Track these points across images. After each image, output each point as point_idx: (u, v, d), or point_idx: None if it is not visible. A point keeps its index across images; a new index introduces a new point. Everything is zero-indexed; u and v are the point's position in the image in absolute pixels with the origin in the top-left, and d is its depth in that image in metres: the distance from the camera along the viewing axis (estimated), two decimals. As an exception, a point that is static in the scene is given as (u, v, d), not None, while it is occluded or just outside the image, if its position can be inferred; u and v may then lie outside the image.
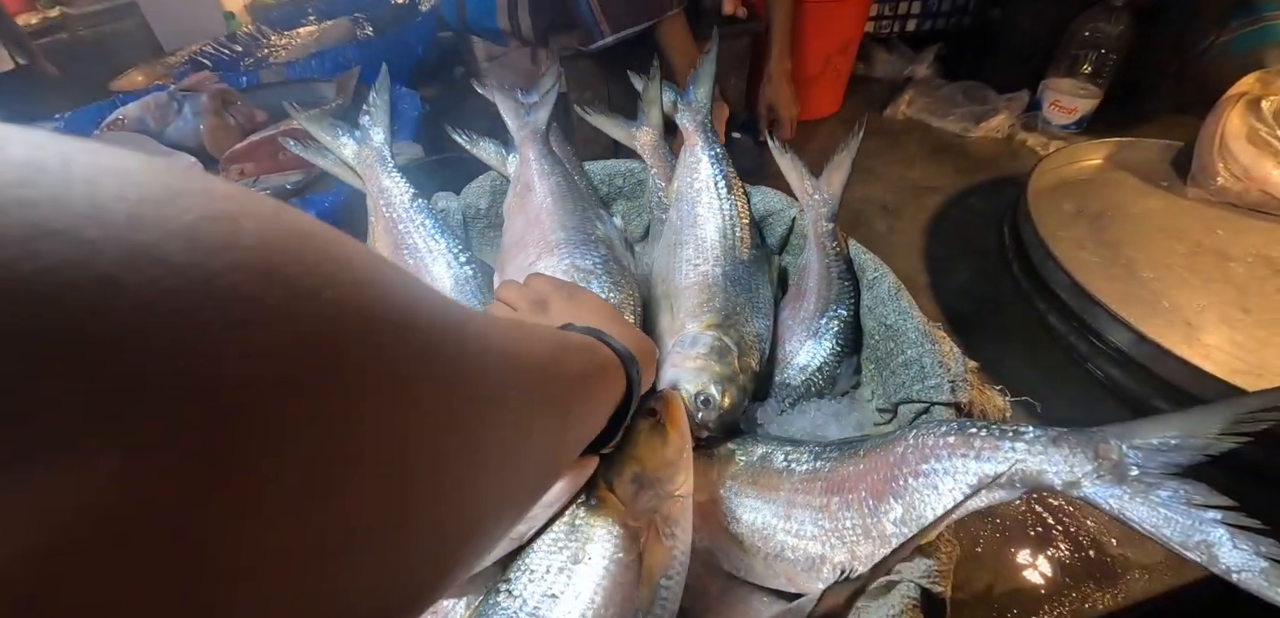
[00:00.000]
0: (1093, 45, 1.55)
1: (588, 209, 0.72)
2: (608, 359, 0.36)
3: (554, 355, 0.29)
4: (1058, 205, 1.17)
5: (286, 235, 0.13)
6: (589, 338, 0.37)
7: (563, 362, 0.29)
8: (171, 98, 1.31)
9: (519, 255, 0.67)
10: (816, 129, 1.58)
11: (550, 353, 0.28)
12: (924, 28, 1.83)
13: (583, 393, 0.31)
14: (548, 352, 0.28)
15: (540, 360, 0.27)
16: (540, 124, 0.78)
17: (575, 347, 0.32)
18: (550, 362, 0.28)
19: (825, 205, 0.68)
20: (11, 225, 0.08)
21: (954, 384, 0.55)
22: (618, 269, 0.67)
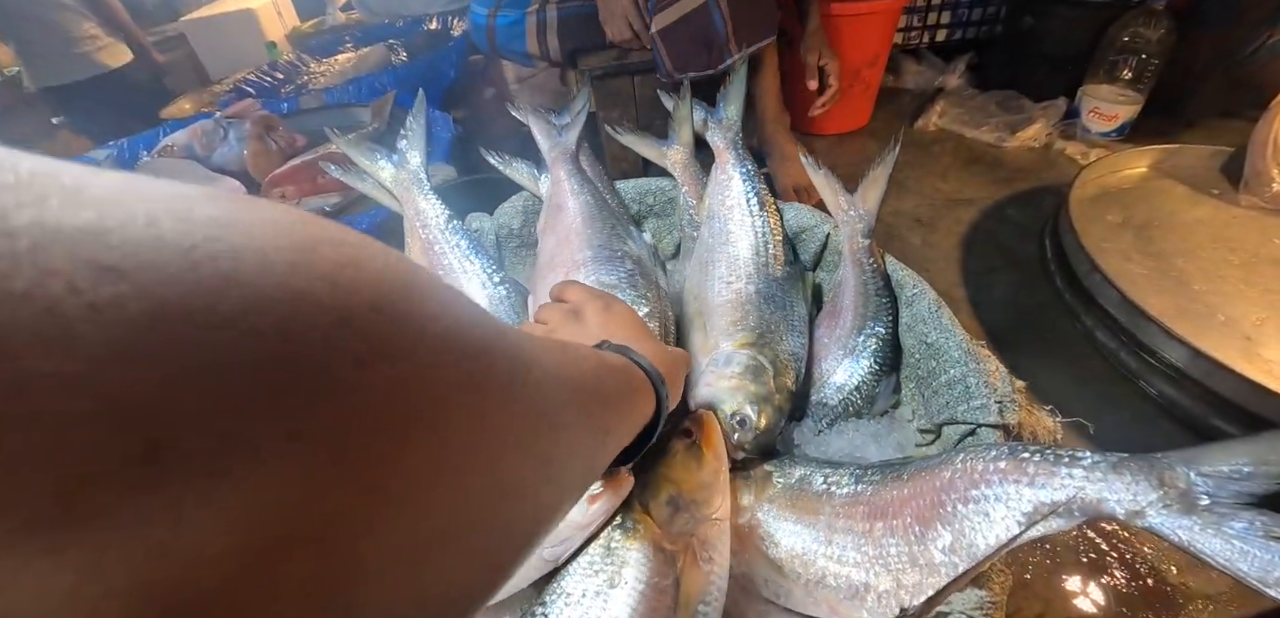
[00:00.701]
0: (1132, 50, 1.51)
1: (617, 226, 0.72)
2: (640, 380, 0.37)
3: (596, 374, 0.29)
4: (1101, 216, 1.13)
5: (395, 277, 0.15)
6: (622, 358, 0.37)
7: (603, 382, 0.30)
8: (217, 125, 1.37)
9: (549, 274, 0.68)
10: (846, 143, 1.56)
11: (593, 372, 0.29)
12: (954, 37, 1.81)
13: (618, 413, 0.31)
14: (591, 372, 0.29)
15: (586, 382, 0.27)
16: (570, 144, 0.79)
17: (612, 367, 0.33)
18: (593, 382, 0.28)
19: (861, 221, 0.67)
20: (207, 278, 0.11)
21: (1001, 405, 0.53)
22: (644, 283, 0.68)
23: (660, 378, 0.40)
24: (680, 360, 0.47)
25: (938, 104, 1.60)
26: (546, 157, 0.79)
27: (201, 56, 2.29)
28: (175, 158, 1.36)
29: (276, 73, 1.87)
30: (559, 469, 0.23)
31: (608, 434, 0.29)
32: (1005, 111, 1.59)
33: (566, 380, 0.25)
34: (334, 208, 1.03)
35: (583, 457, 0.26)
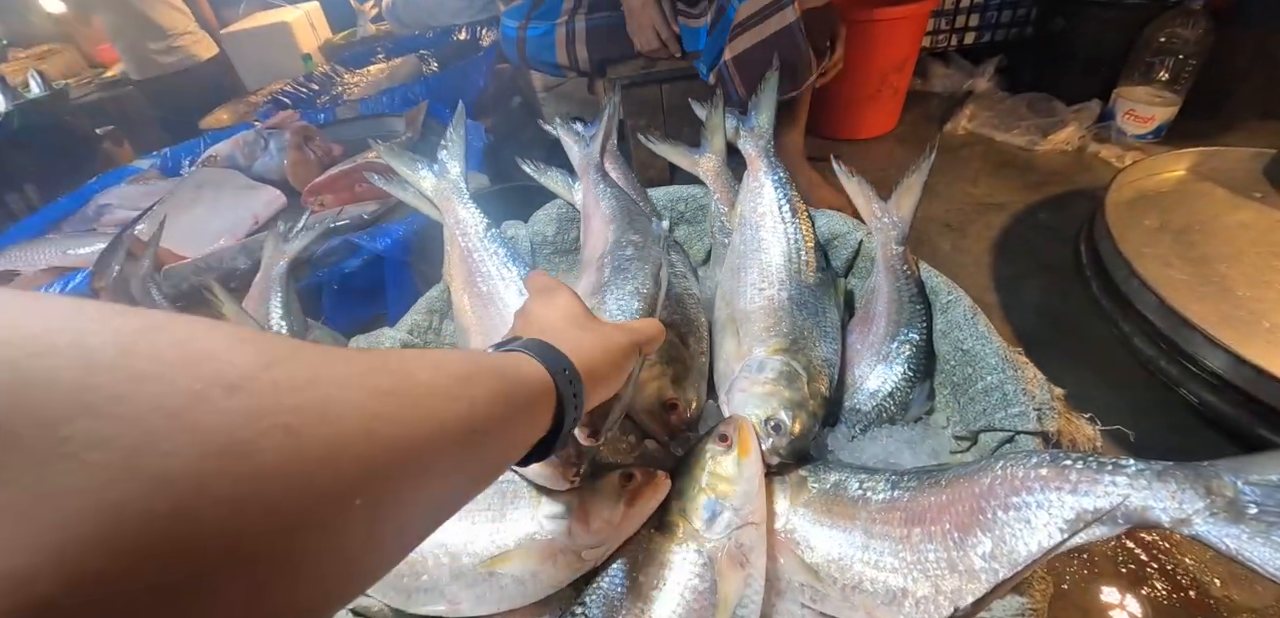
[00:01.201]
0: (1169, 51, 1.47)
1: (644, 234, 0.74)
2: (525, 385, 0.34)
3: (452, 396, 0.28)
4: (1139, 220, 1.11)
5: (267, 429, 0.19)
6: (515, 359, 0.35)
7: (469, 402, 0.28)
8: (258, 135, 1.43)
9: (583, 277, 0.70)
10: (873, 147, 1.56)
11: (448, 398, 0.27)
12: (982, 40, 1.79)
13: (486, 427, 0.29)
14: (446, 406, 0.27)
15: (437, 419, 0.26)
16: (595, 154, 0.80)
17: (484, 377, 0.31)
18: (450, 416, 0.27)
19: (895, 228, 0.67)
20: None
21: (1040, 412, 0.53)
22: (644, 275, 0.69)
23: (574, 374, 0.38)
24: (622, 345, 0.45)
25: (967, 107, 1.59)
26: (577, 166, 0.81)
27: (238, 67, 2.37)
28: (218, 168, 1.42)
29: (311, 84, 1.93)
30: (394, 512, 0.23)
31: (472, 448, 0.28)
32: (1036, 114, 1.57)
33: (405, 429, 0.24)
34: (372, 214, 1.06)
35: (431, 491, 0.26)
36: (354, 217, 1.07)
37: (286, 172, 1.35)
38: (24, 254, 1.25)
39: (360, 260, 0.97)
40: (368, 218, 1.07)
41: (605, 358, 0.42)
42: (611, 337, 0.44)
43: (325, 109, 1.63)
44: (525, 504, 0.54)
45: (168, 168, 1.66)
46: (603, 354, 0.42)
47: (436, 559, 0.53)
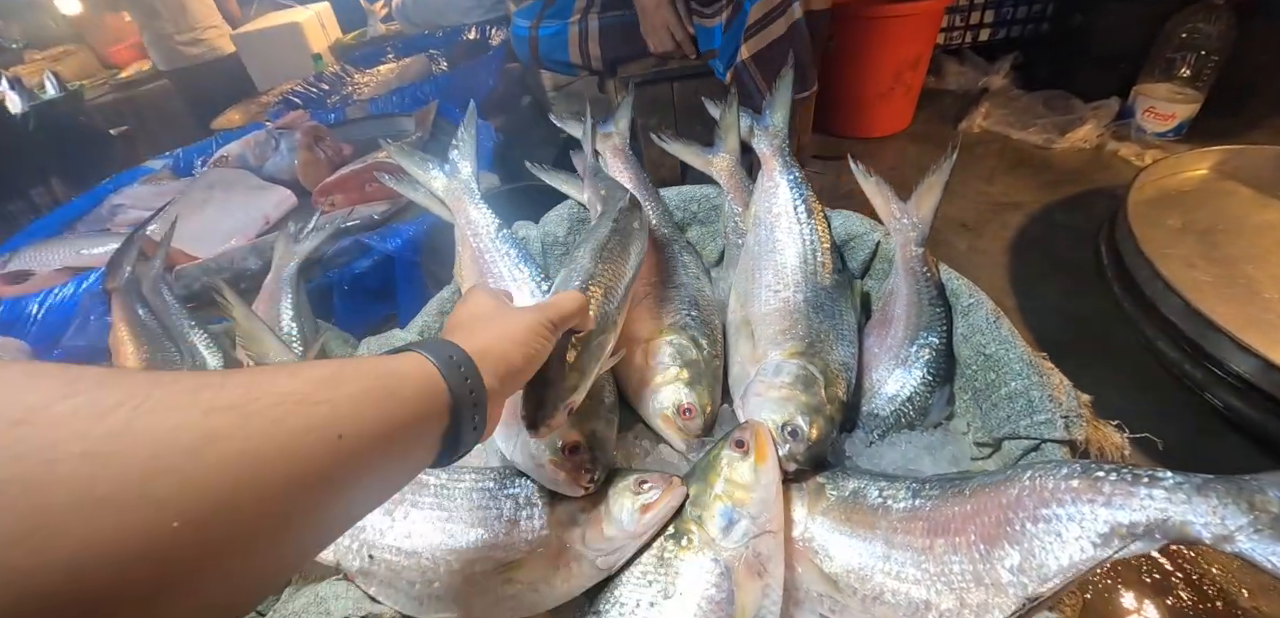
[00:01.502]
0: (1191, 47, 1.44)
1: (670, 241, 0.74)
2: (406, 380, 0.33)
3: (308, 401, 0.27)
4: (1161, 220, 1.08)
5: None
6: (395, 358, 0.35)
7: (330, 405, 0.28)
8: (269, 136, 1.43)
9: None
10: (886, 146, 1.54)
11: (303, 403, 0.27)
12: (997, 36, 1.76)
13: (356, 429, 0.28)
14: (298, 414, 0.26)
15: (285, 429, 0.25)
16: (617, 139, 0.80)
17: (352, 380, 0.30)
18: (302, 425, 0.26)
19: (914, 229, 0.66)
20: None
21: (1067, 420, 0.51)
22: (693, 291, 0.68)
23: (465, 362, 0.37)
24: (528, 325, 0.44)
25: (982, 105, 1.56)
26: (600, 151, 0.80)
27: (249, 67, 2.38)
28: (229, 168, 1.43)
29: (322, 84, 1.94)
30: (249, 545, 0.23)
31: (340, 469, 0.27)
32: (1053, 112, 1.54)
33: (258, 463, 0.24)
34: (382, 215, 1.06)
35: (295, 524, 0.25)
36: (364, 217, 1.07)
37: (297, 172, 1.35)
38: (38, 254, 1.26)
39: (371, 261, 0.97)
40: (378, 218, 1.07)
41: (509, 342, 0.42)
42: (516, 320, 0.44)
43: (335, 109, 1.64)
44: (538, 511, 0.54)
45: (180, 168, 1.67)
46: (504, 339, 0.42)
47: (448, 566, 0.52)
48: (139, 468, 0.20)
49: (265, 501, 0.24)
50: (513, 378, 0.42)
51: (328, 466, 0.27)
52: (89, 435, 0.20)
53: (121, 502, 0.19)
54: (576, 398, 0.49)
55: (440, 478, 0.56)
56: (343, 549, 0.52)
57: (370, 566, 0.51)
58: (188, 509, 0.21)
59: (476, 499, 0.55)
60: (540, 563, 0.52)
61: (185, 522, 0.21)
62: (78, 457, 0.19)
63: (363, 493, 0.31)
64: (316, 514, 0.27)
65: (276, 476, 0.24)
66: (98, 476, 0.19)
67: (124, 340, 0.91)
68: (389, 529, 0.53)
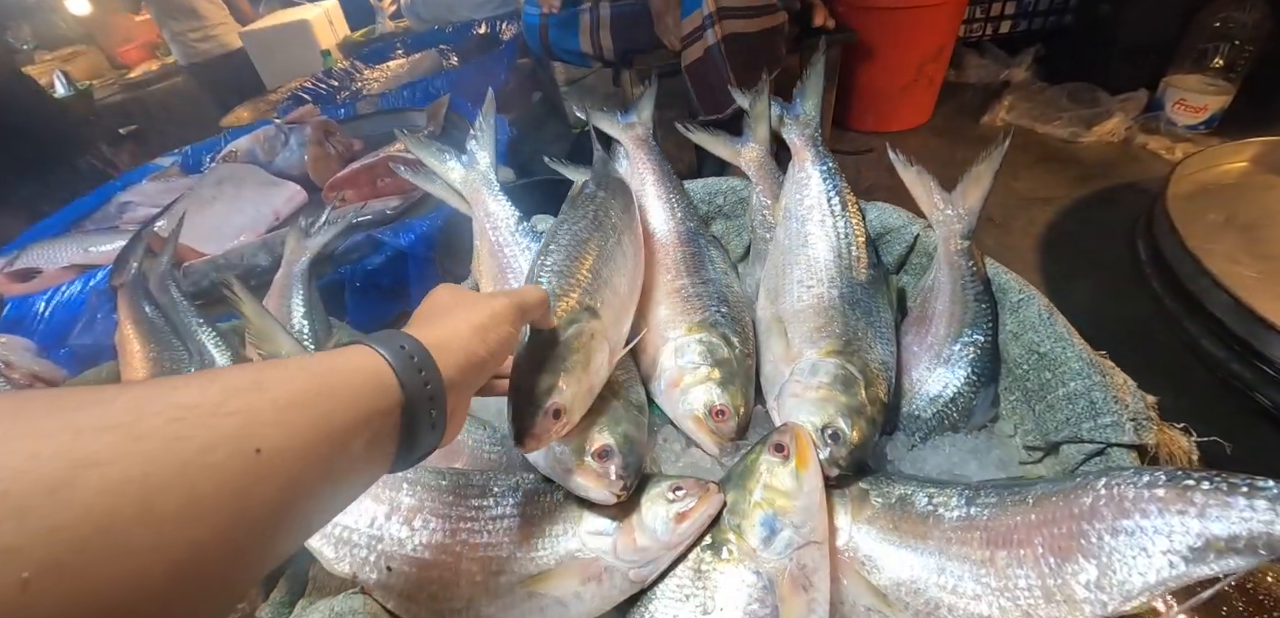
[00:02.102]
0: (1223, 37, 1.39)
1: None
2: (346, 374, 0.30)
3: (216, 413, 0.24)
4: (1201, 215, 1.04)
5: None
6: (336, 353, 0.31)
7: (245, 415, 0.24)
8: (279, 131, 1.41)
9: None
10: (907, 139, 1.50)
11: (210, 415, 0.23)
12: (1019, 29, 1.72)
13: (279, 436, 0.25)
14: (202, 427, 0.23)
15: (182, 447, 0.22)
16: (641, 134, 0.77)
17: (278, 383, 0.26)
18: (204, 440, 0.23)
19: (960, 221, 0.62)
20: None
21: (1136, 423, 0.48)
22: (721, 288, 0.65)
23: (417, 350, 0.34)
24: (492, 310, 0.41)
25: (1004, 99, 1.52)
26: (623, 141, 0.77)
27: (258, 65, 2.37)
28: (238, 163, 1.40)
29: (331, 80, 1.91)
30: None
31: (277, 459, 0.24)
32: (1078, 105, 1.50)
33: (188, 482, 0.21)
34: (395, 210, 1.03)
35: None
36: (377, 212, 1.04)
37: (307, 167, 1.33)
38: (46, 252, 1.25)
39: (383, 257, 0.94)
40: (391, 213, 1.04)
41: (469, 331, 0.39)
42: (478, 308, 0.41)
43: (345, 105, 1.61)
44: (567, 520, 0.50)
45: (189, 165, 1.66)
46: (465, 329, 0.39)
47: (470, 578, 0.49)
48: (12, 507, 0.17)
49: (161, 536, 0.20)
50: (475, 369, 0.39)
51: (242, 485, 0.23)
52: None
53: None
54: (562, 400, 0.46)
55: (462, 483, 0.53)
56: (360, 561, 0.49)
57: (389, 578, 0.48)
58: (39, 560, 0.17)
59: (500, 507, 0.52)
60: (569, 575, 0.48)
61: (36, 574, 0.17)
62: None
63: (293, 514, 0.27)
64: (231, 546, 0.23)
65: (170, 504, 0.21)
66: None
67: (130, 338, 0.89)
68: (408, 539, 0.50)
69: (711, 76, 0.99)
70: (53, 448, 0.19)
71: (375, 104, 1.55)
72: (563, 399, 0.46)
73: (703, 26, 0.97)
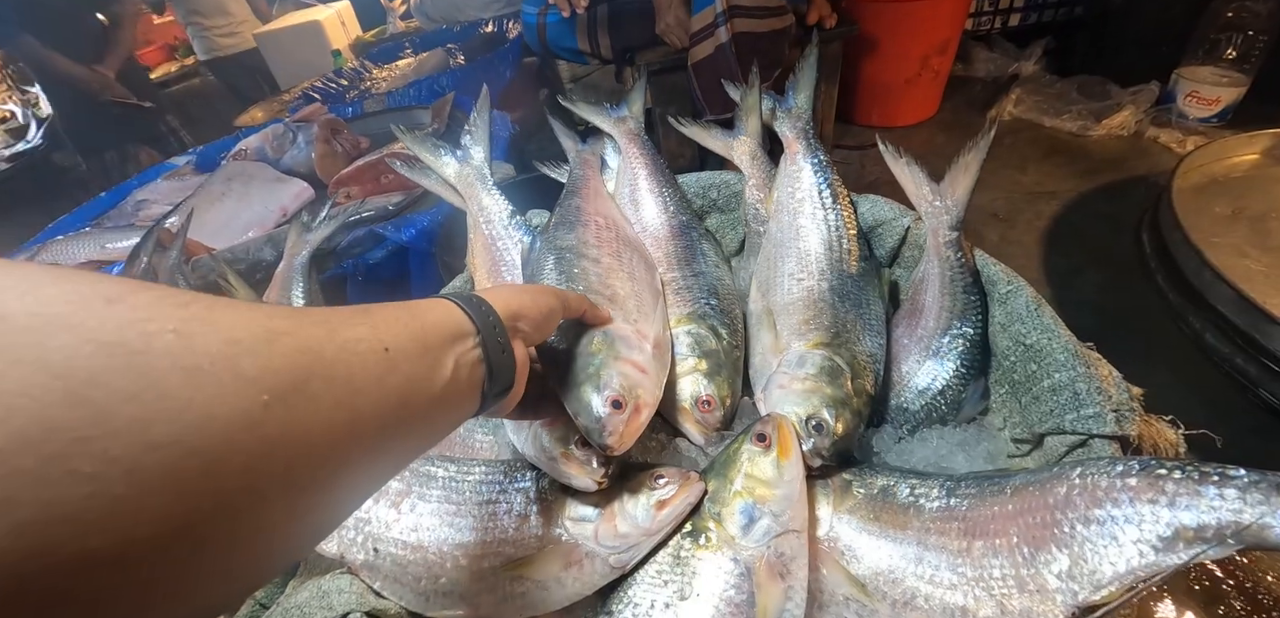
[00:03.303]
0: (1236, 27, 1.36)
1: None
2: (434, 315, 0.35)
3: (352, 319, 0.29)
4: (1208, 207, 1.02)
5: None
6: (420, 303, 0.36)
7: (370, 324, 0.29)
8: (287, 129, 1.44)
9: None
10: (914, 133, 1.49)
11: (349, 318, 0.29)
12: (1028, 22, 1.69)
13: (397, 346, 0.30)
14: (349, 323, 0.28)
15: (342, 335, 0.27)
16: (630, 127, 0.78)
17: (385, 311, 0.32)
18: (351, 336, 0.28)
19: (948, 213, 0.62)
20: None
21: (1118, 414, 0.47)
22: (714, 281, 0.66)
23: (486, 307, 0.39)
24: (547, 295, 0.47)
25: (1013, 92, 1.50)
26: (615, 135, 0.79)
27: (272, 65, 2.42)
28: (248, 161, 1.44)
29: (340, 79, 1.95)
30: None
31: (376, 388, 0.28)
32: (1088, 98, 1.48)
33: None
34: (397, 205, 1.05)
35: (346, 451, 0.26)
36: (379, 207, 1.06)
37: (314, 164, 1.35)
38: (65, 248, 1.29)
39: (385, 251, 0.96)
40: (393, 209, 1.06)
41: (529, 300, 0.44)
42: (537, 289, 0.47)
43: (354, 103, 1.64)
44: (551, 506, 0.51)
45: (203, 163, 1.70)
46: (526, 297, 0.44)
47: (455, 562, 0.50)
48: (225, 348, 0.22)
49: (334, 390, 0.26)
50: (532, 334, 0.44)
51: (381, 371, 0.29)
52: (174, 317, 0.21)
53: (216, 374, 0.21)
54: (630, 393, 0.49)
55: (448, 470, 0.55)
56: (347, 541, 0.50)
57: (375, 559, 0.50)
58: (272, 387, 0.23)
59: (485, 493, 0.53)
60: (551, 560, 0.49)
61: (273, 397, 0.23)
62: (170, 333, 0.21)
63: (416, 415, 0.32)
64: (378, 421, 0.28)
65: (338, 371, 0.26)
66: (189, 349, 0.21)
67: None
68: (395, 522, 0.51)
69: (722, 73, 0.98)
70: (254, 319, 0.24)
71: (382, 102, 1.57)
72: (627, 392, 0.48)
73: (714, 23, 0.98)
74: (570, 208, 0.69)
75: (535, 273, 0.61)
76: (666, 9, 1.11)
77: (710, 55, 1.01)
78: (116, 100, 2.10)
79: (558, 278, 0.60)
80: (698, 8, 1.00)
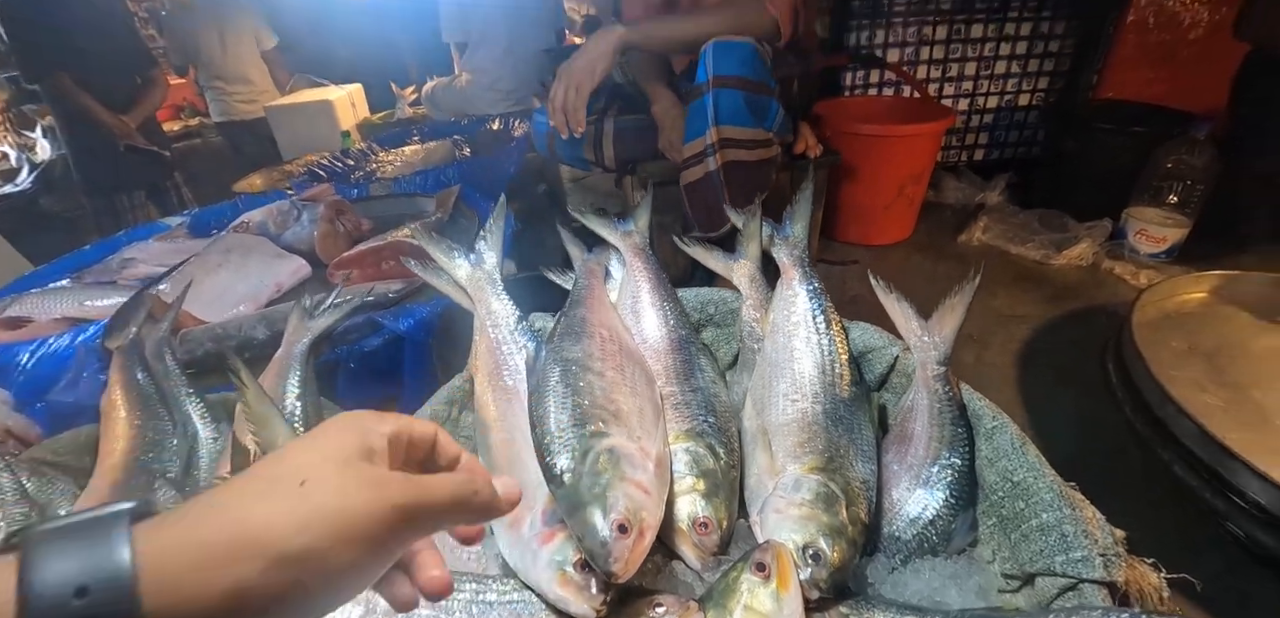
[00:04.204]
0: (1177, 176, 1.51)
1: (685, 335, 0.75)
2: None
3: None
4: (1165, 341, 1.09)
5: None
6: None
7: None
8: (293, 206, 1.46)
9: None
10: (890, 254, 1.59)
11: None
12: (991, 156, 1.86)
13: None
14: None
15: None
16: (637, 242, 0.82)
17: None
18: None
19: (935, 349, 0.66)
20: None
21: (1105, 559, 0.49)
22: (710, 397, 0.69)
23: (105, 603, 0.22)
24: (342, 514, 0.27)
25: (980, 220, 1.62)
26: (620, 248, 0.82)
27: (278, 136, 2.50)
28: (248, 234, 1.45)
29: (347, 159, 2.00)
30: None
31: None
32: (1048, 229, 1.60)
33: None
34: (397, 293, 1.06)
35: None
36: (380, 294, 1.08)
37: (315, 243, 1.37)
38: (40, 302, 1.24)
39: (381, 340, 0.96)
40: (393, 296, 1.07)
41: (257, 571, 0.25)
42: (325, 499, 0.27)
43: (359, 184, 1.69)
44: (546, 632, 0.50)
45: (196, 227, 1.69)
46: (260, 528, 0.25)
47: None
48: None
49: None
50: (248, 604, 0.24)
51: None
52: None
53: None
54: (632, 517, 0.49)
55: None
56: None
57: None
58: None
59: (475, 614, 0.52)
60: (545, 692, 0.48)
61: None
62: None
63: None
64: None
65: None
66: None
67: (117, 404, 0.89)
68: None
69: (709, 197, 1.06)
70: None
71: (388, 187, 1.62)
72: (632, 516, 0.48)
73: (705, 153, 1.05)
74: (575, 318, 0.72)
75: (541, 385, 0.62)
76: (669, 127, 1.19)
77: (699, 179, 1.08)
78: (137, 147, 2.18)
79: (564, 391, 0.61)
80: (690, 136, 1.08)
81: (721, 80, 1.03)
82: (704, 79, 1.04)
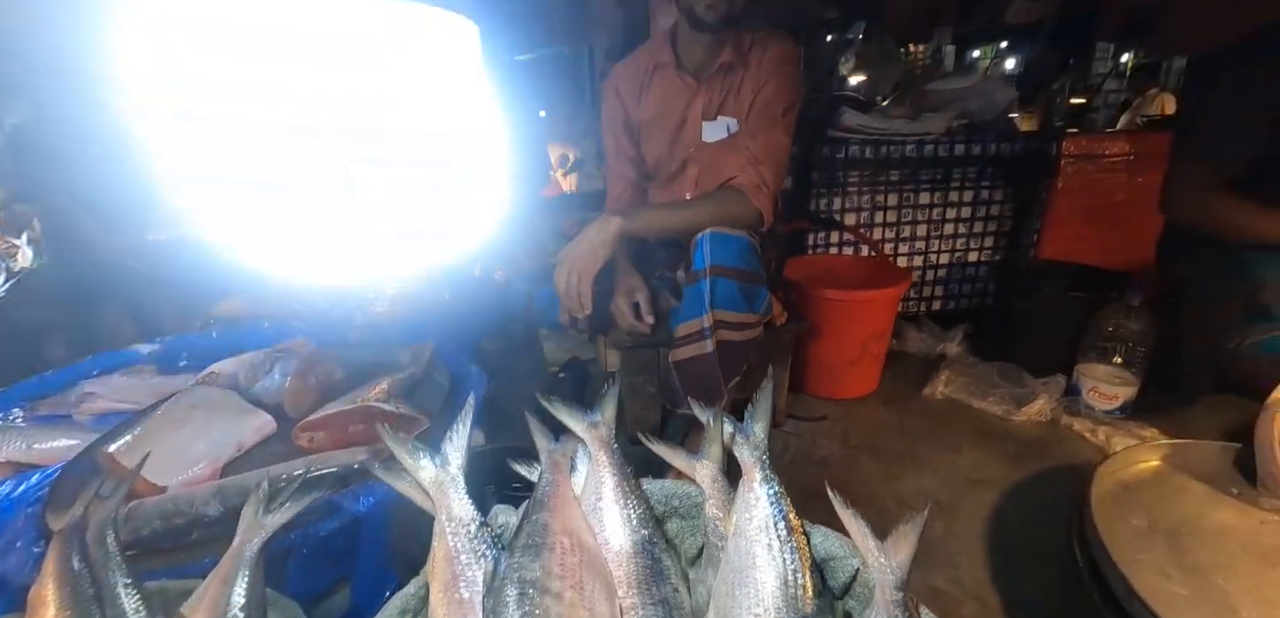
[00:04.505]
0: (1118, 339, 1.60)
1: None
2: None
3: None
4: (1126, 519, 1.12)
5: None
6: None
7: None
8: (267, 358, 1.46)
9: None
10: (857, 408, 1.62)
11: None
12: (949, 307, 1.98)
13: None
14: None
15: None
16: (603, 435, 0.83)
17: None
18: None
19: (892, 573, 0.67)
20: None
21: None
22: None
23: None
24: None
25: (942, 373, 1.68)
26: (586, 440, 0.83)
27: (260, 267, 2.53)
28: (215, 387, 1.42)
29: (327, 298, 2.03)
30: None
31: None
32: (1008, 383, 1.66)
33: None
34: (361, 465, 1.04)
35: None
36: (343, 466, 1.06)
37: (284, 397, 1.35)
38: (-17, 438, 1.17)
39: (338, 523, 0.93)
40: (358, 467, 1.05)
41: None
42: None
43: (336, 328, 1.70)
44: None
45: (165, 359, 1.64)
46: None
47: None
48: None
49: None
50: None
51: None
52: None
53: None
54: None
55: None
56: None
57: None
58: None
59: None
60: None
61: None
62: None
63: None
64: None
65: None
66: None
67: (47, 601, 0.82)
68: None
69: (704, 375, 1.13)
70: None
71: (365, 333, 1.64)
72: None
73: (702, 333, 1.12)
74: (537, 525, 0.71)
75: (497, 608, 0.61)
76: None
77: (695, 357, 1.13)
78: (130, 265, 2.15)
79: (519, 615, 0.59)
80: (686, 316, 1.15)
81: (718, 269, 1.12)
82: (701, 266, 1.13)
